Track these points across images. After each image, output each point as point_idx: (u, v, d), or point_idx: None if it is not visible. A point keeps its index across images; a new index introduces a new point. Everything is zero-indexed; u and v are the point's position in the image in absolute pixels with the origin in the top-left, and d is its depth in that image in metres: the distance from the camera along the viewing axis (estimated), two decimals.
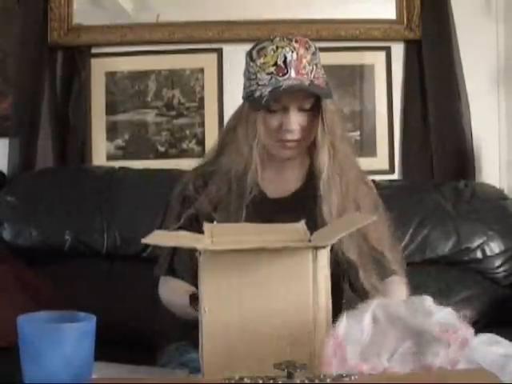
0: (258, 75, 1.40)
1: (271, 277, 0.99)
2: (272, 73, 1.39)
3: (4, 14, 2.44)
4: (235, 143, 1.46)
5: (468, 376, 0.92)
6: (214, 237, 1.07)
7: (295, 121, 1.41)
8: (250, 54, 1.44)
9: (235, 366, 0.97)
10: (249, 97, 1.43)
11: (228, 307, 0.99)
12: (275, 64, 1.40)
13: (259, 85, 1.40)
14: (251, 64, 1.42)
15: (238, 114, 1.49)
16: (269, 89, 1.38)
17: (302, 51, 1.41)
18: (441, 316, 0.96)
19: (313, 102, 1.43)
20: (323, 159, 1.44)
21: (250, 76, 1.43)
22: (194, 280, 1.29)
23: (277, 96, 1.39)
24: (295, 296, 0.99)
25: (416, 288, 2.11)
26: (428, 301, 0.99)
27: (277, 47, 1.40)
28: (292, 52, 1.40)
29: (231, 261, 0.99)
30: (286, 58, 1.39)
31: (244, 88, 1.46)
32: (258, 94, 1.40)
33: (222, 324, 0.99)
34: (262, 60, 1.41)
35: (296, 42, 1.42)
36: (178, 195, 1.52)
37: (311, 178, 1.50)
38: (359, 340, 0.94)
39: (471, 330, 0.96)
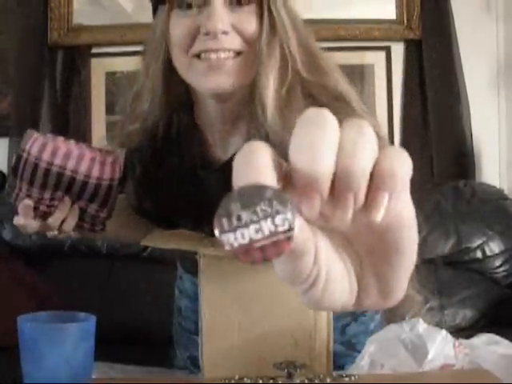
0: None
1: (271, 277, 0.99)
2: None
3: (4, 14, 2.44)
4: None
5: (468, 376, 0.92)
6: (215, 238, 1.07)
7: (221, 17, 0.91)
8: None
9: (235, 366, 0.97)
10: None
11: (228, 307, 0.99)
12: None
13: None
14: None
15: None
16: None
17: None
18: (435, 351, 0.95)
19: None
20: (268, 81, 0.94)
21: None
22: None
23: None
24: (295, 296, 0.99)
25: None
26: (420, 327, 0.99)
27: None
28: None
29: (231, 261, 0.98)
30: None
31: None
32: None
33: (221, 324, 0.99)
34: None
35: None
36: None
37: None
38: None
39: (467, 359, 0.96)
